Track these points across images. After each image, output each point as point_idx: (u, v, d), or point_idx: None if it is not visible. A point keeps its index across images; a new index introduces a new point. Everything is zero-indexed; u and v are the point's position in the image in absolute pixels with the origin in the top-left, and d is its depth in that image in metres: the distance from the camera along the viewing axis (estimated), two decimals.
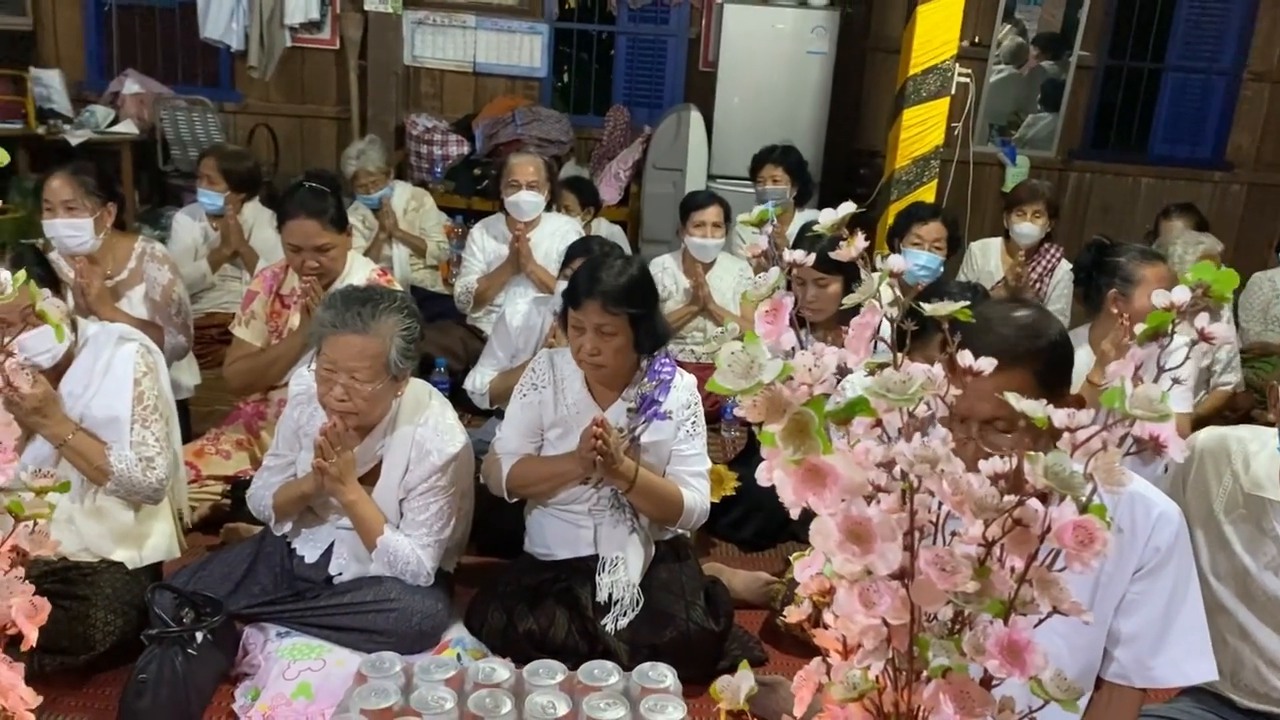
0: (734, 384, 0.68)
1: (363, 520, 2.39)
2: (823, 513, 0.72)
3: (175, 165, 6.05)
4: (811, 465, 0.70)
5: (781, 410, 0.69)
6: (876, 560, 0.73)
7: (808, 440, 0.69)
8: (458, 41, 6.47)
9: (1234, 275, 0.93)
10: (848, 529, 0.73)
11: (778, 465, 0.71)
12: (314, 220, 3.08)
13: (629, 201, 6.07)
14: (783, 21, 5.81)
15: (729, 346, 0.70)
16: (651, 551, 2.59)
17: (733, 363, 0.69)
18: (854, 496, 0.72)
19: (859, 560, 0.74)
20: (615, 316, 2.39)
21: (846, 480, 0.70)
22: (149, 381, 2.44)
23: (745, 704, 0.91)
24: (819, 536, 0.74)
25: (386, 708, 1.52)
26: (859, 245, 0.90)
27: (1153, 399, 0.73)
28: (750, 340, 0.71)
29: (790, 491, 0.71)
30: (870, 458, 0.74)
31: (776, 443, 0.70)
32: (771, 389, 0.69)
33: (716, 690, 0.92)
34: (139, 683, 2.15)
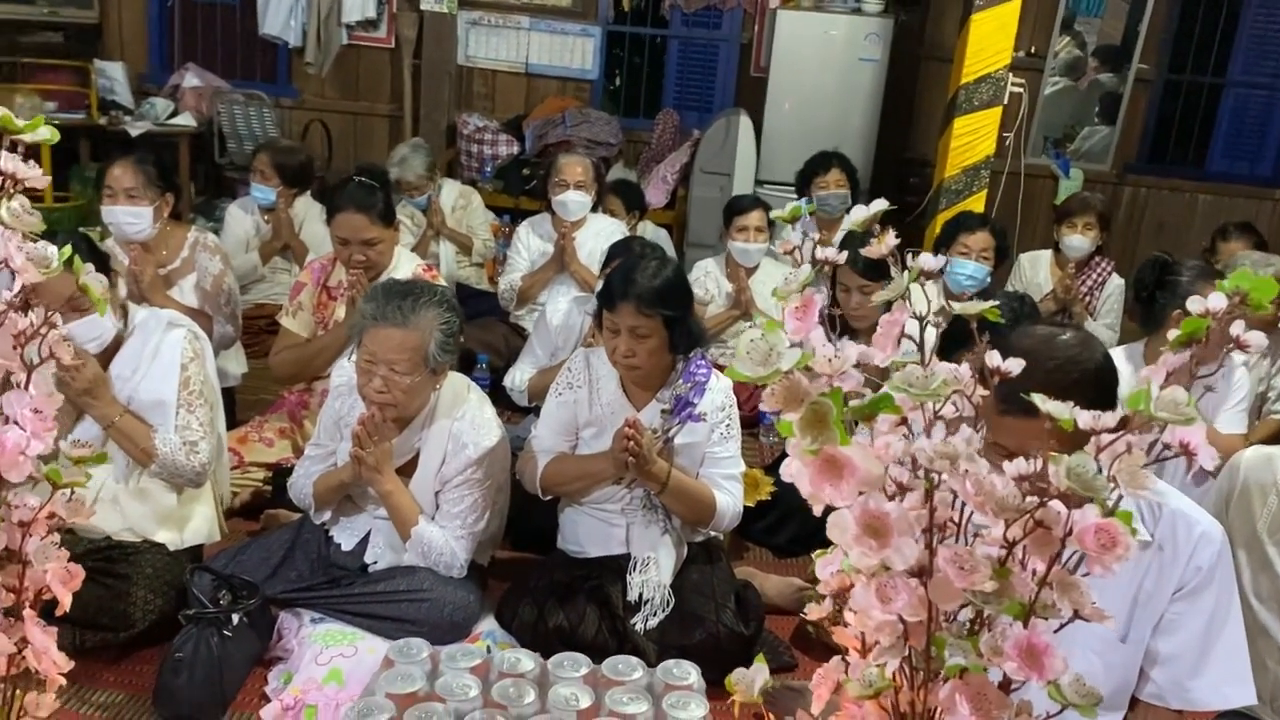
0: (752, 371, 0.68)
1: (398, 510, 2.41)
2: (840, 505, 0.72)
3: (231, 158, 6.16)
4: (829, 456, 0.69)
5: (800, 399, 0.69)
6: (893, 555, 0.73)
7: (826, 431, 0.69)
8: (511, 42, 6.53)
9: (1274, 284, 0.91)
10: (865, 523, 0.73)
11: (796, 455, 0.71)
12: (362, 214, 3.12)
13: (675, 205, 6.08)
14: (836, 28, 5.78)
15: (749, 334, 0.70)
16: (684, 553, 2.59)
17: (751, 350, 0.69)
18: (872, 489, 0.72)
19: (875, 554, 0.73)
20: (649, 318, 2.39)
21: (864, 473, 0.70)
22: (195, 367, 2.49)
23: (759, 697, 0.91)
24: (836, 530, 0.74)
25: (411, 692, 1.54)
26: (890, 242, 0.90)
27: (1179, 402, 0.72)
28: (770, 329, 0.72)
29: (807, 483, 0.71)
30: (890, 452, 0.74)
31: (794, 432, 0.70)
32: (790, 377, 0.69)
33: (731, 682, 0.92)
34: (175, 661, 2.19)
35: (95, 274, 0.91)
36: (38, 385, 0.91)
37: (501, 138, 6.25)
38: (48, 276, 0.90)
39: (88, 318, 2.31)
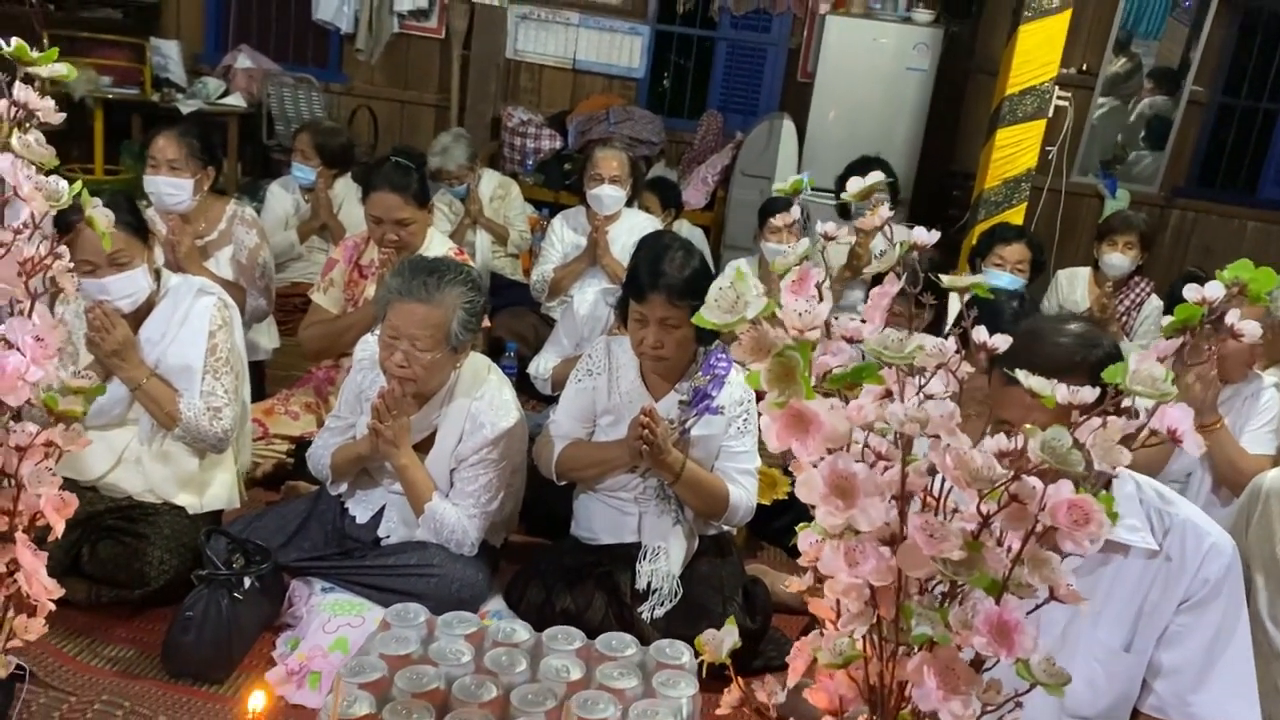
0: (718, 319, 0.69)
1: (413, 485, 2.43)
2: (807, 460, 0.72)
3: (278, 140, 6.25)
4: (795, 410, 0.69)
5: (766, 350, 0.69)
6: (858, 515, 0.73)
7: (792, 384, 0.69)
8: (559, 38, 6.56)
9: (1273, 275, 0.90)
10: (833, 482, 0.73)
11: (764, 408, 0.71)
12: (396, 194, 3.16)
13: (714, 206, 6.08)
14: (885, 36, 5.75)
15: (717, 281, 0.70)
16: (694, 545, 2.58)
17: (719, 298, 0.69)
18: (838, 447, 0.72)
19: (841, 515, 0.73)
20: (679, 309, 2.39)
21: (830, 429, 0.70)
22: (223, 335, 2.53)
23: (727, 659, 0.91)
24: (804, 489, 0.74)
25: (405, 655, 1.55)
26: (883, 214, 0.89)
27: (1156, 377, 0.71)
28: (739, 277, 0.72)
29: (774, 436, 0.71)
30: (863, 414, 0.74)
31: (762, 384, 0.70)
32: (758, 327, 0.69)
33: (700, 642, 0.92)
34: (185, 619, 2.22)
35: (103, 209, 0.93)
36: (41, 313, 0.93)
37: (545, 132, 6.28)
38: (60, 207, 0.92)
39: (125, 273, 2.35)
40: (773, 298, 2.85)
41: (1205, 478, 2.83)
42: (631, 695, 1.50)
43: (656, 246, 2.60)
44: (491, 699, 1.45)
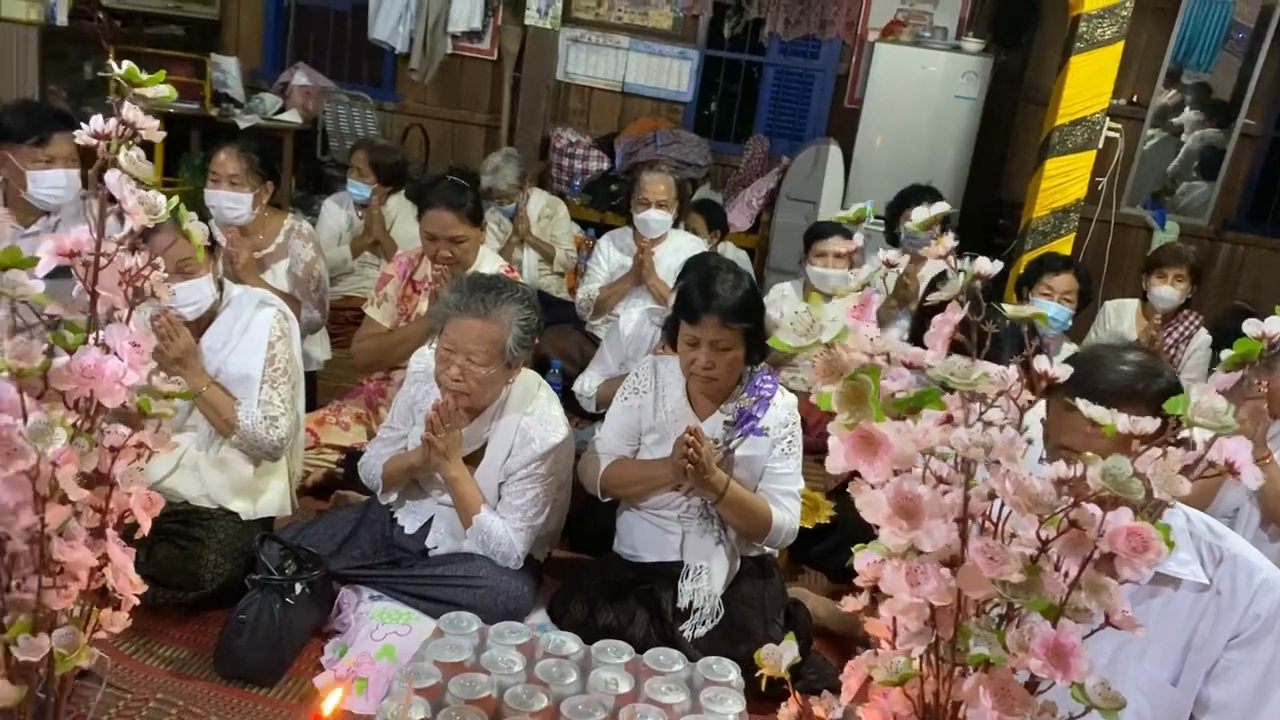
0: (794, 341, 0.72)
1: (462, 497, 2.48)
2: (873, 482, 0.75)
3: (332, 156, 6.37)
4: (865, 432, 0.72)
5: (839, 373, 0.72)
6: (922, 536, 0.75)
7: (863, 406, 0.72)
8: (609, 61, 6.64)
9: None
10: (897, 503, 0.75)
11: (832, 429, 0.74)
12: (451, 212, 3.22)
13: (758, 229, 6.11)
14: (934, 64, 5.77)
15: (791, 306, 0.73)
16: (737, 565, 2.60)
17: (795, 322, 0.72)
18: (905, 469, 0.74)
19: (905, 535, 0.76)
20: (732, 331, 2.42)
21: (898, 451, 0.73)
22: (282, 346, 2.59)
23: (786, 673, 0.94)
24: (869, 509, 0.77)
25: (459, 662, 1.59)
26: (948, 244, 0.92)
27: (1218, 410, 0.73)
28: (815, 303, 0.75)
29: (841, 456, 0.74)
30: (928, 439, 0.76)
31: (832, 405, 0.73)
32: (833, 351, 0.72)
33: (760, 656, 0.95)
34: (238, 622, 2.28)
35: (198, 223, 0.98)
36: (136, 322, 0.98)
37: (593, 153, 6.36)
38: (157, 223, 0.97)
39: (190, 282, 2.43)
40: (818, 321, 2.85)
41: (1254, 513, 2.80)
42: (680, 710, 1.52)
43: (706, 269, 2.63)
44: (542, 709, 1.48)
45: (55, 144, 3.08)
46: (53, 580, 0.96)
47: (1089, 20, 4.19)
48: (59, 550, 0.94)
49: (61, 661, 0.99)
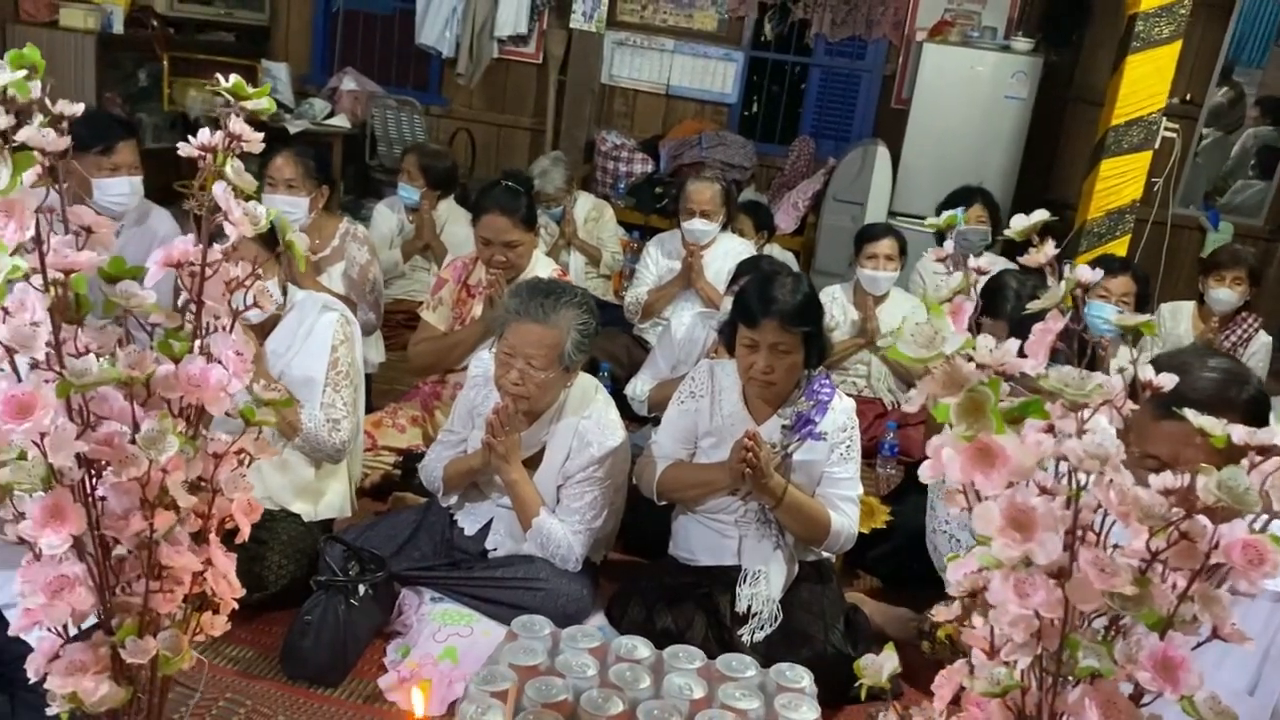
0: (916, 353, 0.71)
1: (521, 500, 2.49)
2: (989, 495, 0.75)
3: (380, 160, 6.43)
4: (982, 445, 0.72)
5: (959, 385, 0.71)
6: (1036, 549, 0.75)
7: (982, 418, 0.71)
8: (654, 63, 6.65)
9: None
10: (1010, 515, 0.75)
11: (948, 442, 0.74)
12: (506, 217, 3.25)
13: (804, 231, 6.09)
14: (982, 64, 5.72)
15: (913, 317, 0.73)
16: (795, 570, 2.59)
17: (916, 333, 0.72)
18: (1022, 481, 0.74)
19: (1018, 547, 0.75)
20: (792, 335, 2.42)
21: (1016, 463, 0.72)
22: (344, 350, 2.62)
23: (887, 683, 0.93)
24: (981, 521, 0.76)
25: (533, 665, 1.60)
26: (1049, 252, 0.92)
27: None
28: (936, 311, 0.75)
29: (958, 469, 0.74)
30: (1041, 450, 0.76)
31: (950, 418, 0.72)
32: (952, 362, 0.72)
33: (860, 667, 0.95)
34: (304, 623, 2.31)
35: (299, 234, 1.00)
36: (237, 331, 1.00)
37: (637, 156, 6.37)
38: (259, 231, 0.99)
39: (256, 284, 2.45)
40: (869, 324, 2.88)
41: None
42: (754, 717, 1.52)
43: (764, 272, 2.61)
44: (618, 713, 1.49)
45: (119, 152, 3.14)
46: (159, 584, 0.98)
47: (1146, 19, 4.14)
48: (166, 555, 0.96)
49: (165, 664, 1.01)
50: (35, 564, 0.95)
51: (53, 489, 0.91)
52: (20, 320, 0.83)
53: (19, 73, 0.84)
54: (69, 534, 0.90)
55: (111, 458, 0.92)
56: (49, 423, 0.85)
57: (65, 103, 0.98)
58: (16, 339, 0.83)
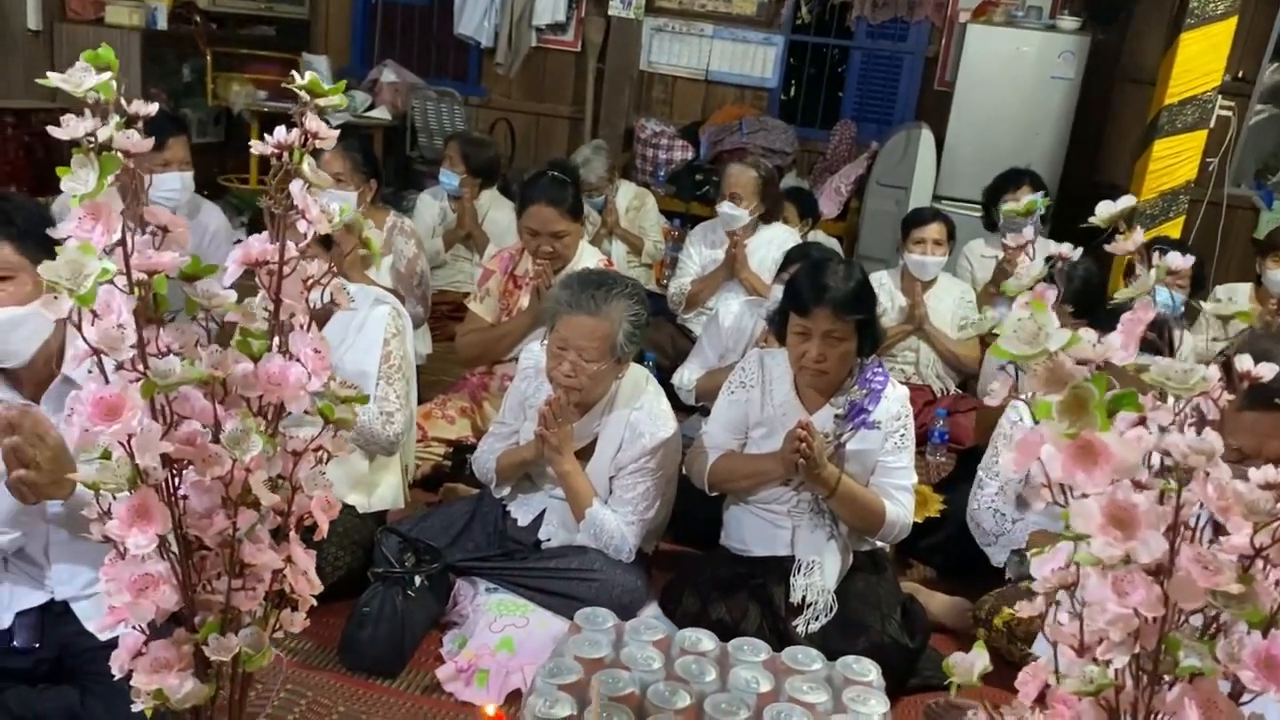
0: (1018, 350, 0.70)
1: (574, 491, 2.49)
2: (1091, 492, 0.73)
3: (421, 152, 6.46)
4: (1085, 442, 0.70)
5: (1063, 381, 0.70)
6: (1139, 547, 0.73)
7: (1085, 415, 0.70)
8: (693, 49, 6.61)
9: None
10: (1111, 513, 0.73)
11: (1048, 439, 0.72)
12: (553, 208, 3.24)
13: (847, 216, 6.04)
14: (1028, 44, 5.63)
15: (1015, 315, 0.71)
16: (849, 560, 2.57)
17: (1019, 329, 0.70)
18: (1125, 478, 0.72)
19: (1120, 546, 0.73)
20: (845, 323, 2.40)
21: (1119, 460, 0.70)
22: (396, 343, 2.63)
23: (978, 681, 0.92)
24: (1080, 519, 0.75)
25: (599, 658, 1.60)
26: (1137, 239, 0.89)
27: None
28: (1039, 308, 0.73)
29: (1058, 467, 0.72)
30: (1142, 445, 0.74)
31: (1052, 415, 0.71)
32: (1055, 359, 0.70)
33: (949, 665, 0.93)
34: (362, 614, 2.32)
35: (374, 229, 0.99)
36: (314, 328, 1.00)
37: (677, 143, 6.34)
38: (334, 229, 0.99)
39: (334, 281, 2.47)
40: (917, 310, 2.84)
41: None
42: (823, 710, 1.51)
43: (816, 260, 2.58)
44: (685, 707, 1.48)
45: (171, 148, 3.17)
46: (241, 582, 0.98)
47: None
48: (248, 553, 0.97)
49: (248, 661, 1.01)
50: (120, 562, 0.96)
51: (138, 489, 0.91)
52: (108, 322, 0.83)
53: (105, 74, 0.84)
54: (155, 533, 0.90)
55: (194, 457, 0.92)
56: (136, 424, 0.85)
57: (140, 103, 0.99)
58: (105, 341, 0.83)
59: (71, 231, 0.82)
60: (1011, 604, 2.47)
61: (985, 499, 2.68)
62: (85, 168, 0.82)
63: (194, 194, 3.40)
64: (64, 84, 0.84)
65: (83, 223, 0.82)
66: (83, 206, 0.82)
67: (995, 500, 2.66)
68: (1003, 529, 2.64)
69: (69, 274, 0.78)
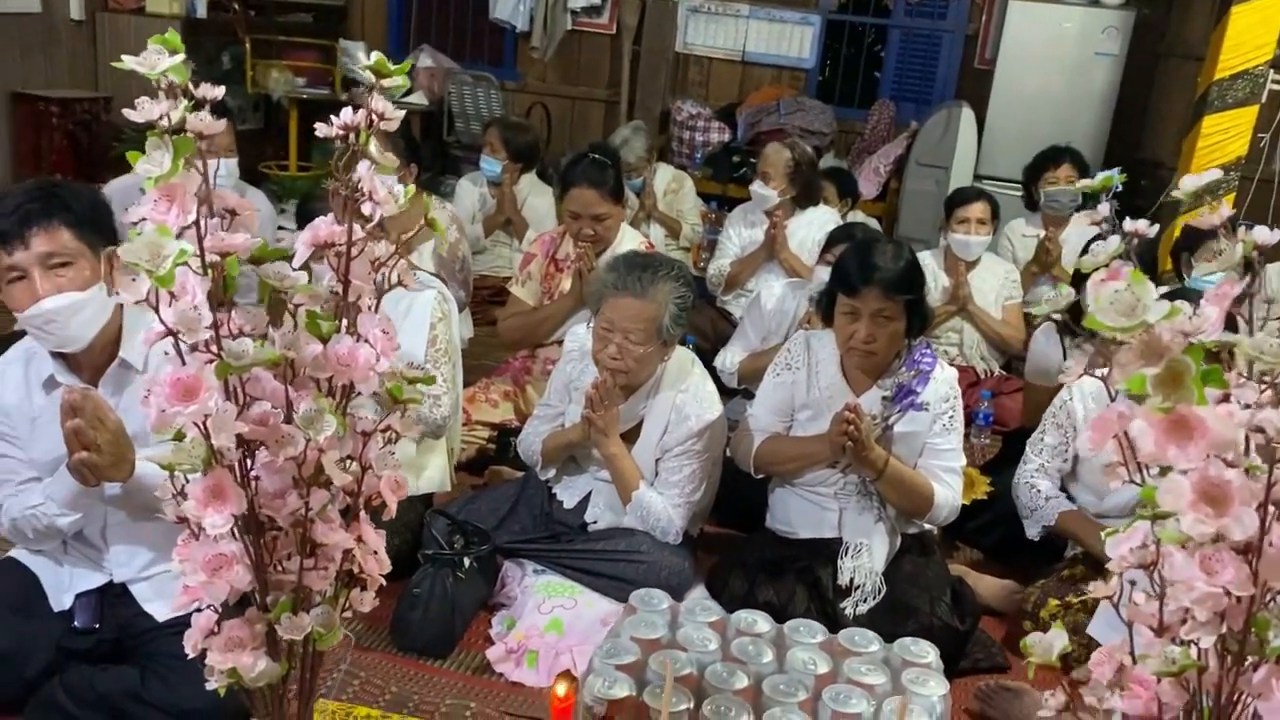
0: (1114, 322, 0.68)
1: (621, 474, 2.49)
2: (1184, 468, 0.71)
3: (458, 137, 6.47)
4: (1179, 416, 0.69)
5: (1159, 354, 0.68)
6: (1231, 524, 0.72)
7: (1181, 389, 0.68)
8: (729, 30, 6.57)
9: None
10: (1203, 489, 0.72)
11: (1140, 414, 0.70)
12: (594, 190, 3.24)
13: (886, 197, 5.98)
14: (1070, 20, 5.54)
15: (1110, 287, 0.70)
16: (897, 543, 2.56)
17: (1115, 301, 0.69)
18: (1221, 454, 0.71)
19: (1212, 523, 0.72)
20: (894, 302, 2.37)
21: (1216, 435, 0.69)
22: (443, 327, 2.64)
23: (1057, 661, 0.91)
24: (1169, 495, 0.73)
25: (655, 639, 1.60)
26: (1224, 213, 0.87)
27: None
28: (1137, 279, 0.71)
29: (1150, 442, 0.71)
30: (1234, 420, 0.73)
31: (1146, 389, 0.69)
32: (1152, 332, 0.68)
33: (1027, 645, 0.92)
34: (412, 596, 2.34)
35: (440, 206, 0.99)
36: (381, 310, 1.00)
37: (714, 125, 6.30)
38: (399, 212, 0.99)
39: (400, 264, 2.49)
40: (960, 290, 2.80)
41: None
42: (882, 692, 1.50)
43: (863, 239, 2.56)
44: (743, 688, 1.48)
45: None
46: (313, 561, 0.99)
47: None
48: (320, 533, 0.97)
49: (319, 640, 1.02)
50: (194, 543, 0.97)
51: (212, 469, 0.92)
52: (185, 304, 0.84)
53: (177, 57, 0.84)
54: (230, 513, 0.91)
55: (267, 437, 0.93)
56: (212, 404, 0.86)
57: (207, 86, 0.99)
58: (182, 322, 0.83)
59: (147, 214, 0.83)
60: (1058, 595, 2.46)
61: (1026, 473, 2.72)
62: (160, 150, 0.82)
63: (239, 180, 3.42)
64: (138, 66, 0.84)
65: (158, 205, 0.82)
66: (157, 188, 0.82)
67: (1034, 476, 2.70)
68: (1036, 504, 2.66)
69: (148, 255, 0.78)
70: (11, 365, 1.94)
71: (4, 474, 1.94)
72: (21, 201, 1.77)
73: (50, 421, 1.79)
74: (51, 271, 1.77)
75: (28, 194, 1.79)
